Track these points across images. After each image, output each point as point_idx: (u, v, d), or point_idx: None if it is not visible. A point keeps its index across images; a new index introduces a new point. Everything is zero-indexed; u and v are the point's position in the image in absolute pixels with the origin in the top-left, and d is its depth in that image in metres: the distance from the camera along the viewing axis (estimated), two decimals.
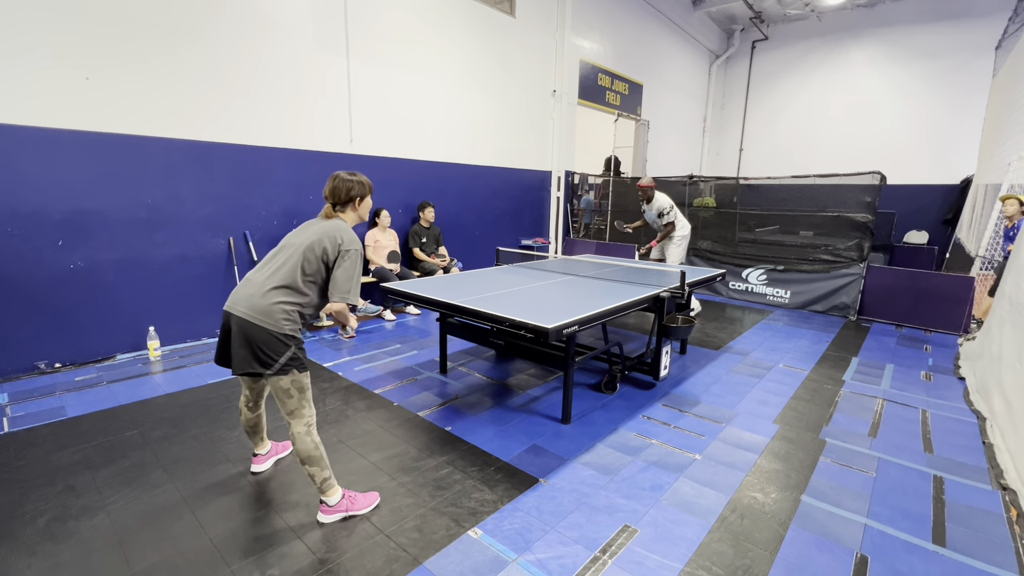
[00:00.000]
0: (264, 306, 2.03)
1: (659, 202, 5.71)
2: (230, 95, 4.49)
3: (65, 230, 3.76)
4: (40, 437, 2.85)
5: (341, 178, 2.24)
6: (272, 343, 2.04)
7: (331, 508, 2.18)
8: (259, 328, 2.02)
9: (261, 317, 2.03)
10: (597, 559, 1.98)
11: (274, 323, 2.03)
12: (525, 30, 7.43)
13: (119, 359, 4.11)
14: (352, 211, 2.28)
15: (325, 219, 2.22)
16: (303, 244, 2.11)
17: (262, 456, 2.57)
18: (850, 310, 5.99)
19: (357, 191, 2.26)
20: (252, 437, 2.54)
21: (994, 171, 6.75)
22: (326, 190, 2.25)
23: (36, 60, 3.51)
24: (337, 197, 2.23)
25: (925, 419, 3.33)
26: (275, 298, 2.05)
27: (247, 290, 2.09)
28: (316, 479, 2.15)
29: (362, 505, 2.25)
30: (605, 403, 3.43)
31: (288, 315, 2.07)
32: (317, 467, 2.14)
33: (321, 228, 2.15)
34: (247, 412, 2.45)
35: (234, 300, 2.10)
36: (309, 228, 2.19)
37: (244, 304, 2.06)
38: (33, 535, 2.06)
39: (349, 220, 2.28)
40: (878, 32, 10.85)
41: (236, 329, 2.06)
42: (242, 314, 2.04)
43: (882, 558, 2.03)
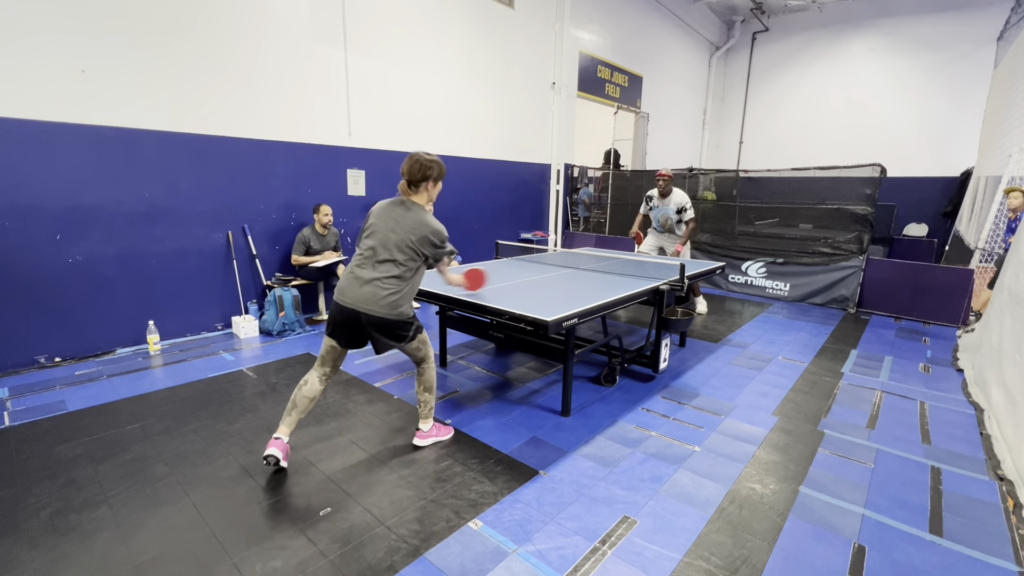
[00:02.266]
0: (389, 302, 2.36)
1: (679, 197, 5.28)
2: (228, 88, 4.46)
3: (63, 224, 3.75)
4: (41, 431, 2.85)
5: (419, 158, 2.42)
6: (402, 326, 2.44)
7: (425, 434, 2.71)
8: (391, 320, 2.39)
9: (389, 312, 2.36)
10: (597, 550, 2.00)
11: (400, 314, 2.40)
12: (524, 21, 7.38)
13: (119, 353, 4.11)
14: (425, 191, 2.46)
15: (405, 206, 2.42)
16: (404, 242, 2.37)
17: (282, 442, 2.43)
18: (849, 303, 6.00)
19: (433, 172, 2.44)
20: (294, 413, 2.45)
21: (995, 163, 6.73)
22: (404, 167, 2.43)
23: (31, 53, 3.48)
24: (413, 175, 2.40)
25: (923, 411, 3.34)
26: (394, 293, 2.37)
27: (365, 289, 2.36)
28: (426, 405, 2.68)
29: (445, 432, 2.80)
30: (604, 396, 3.44)
31: (407, 303, 2.44)
32: (431, 395, 2.67)
33: (412, 224, 2.38)
34: (317, 385, 2.48)
35: (356, 298, 2.36)
36: (394, 220, 2.39)
37: (370, 303, 2.35)
38: (35, 528, 2.07)
39: (422, 201, 2.46)
40: (879, 23, 10.78)
41: (368, 324, 2.38)
42: (371, 311, 2.35)
43: (880, 548, 2.04)
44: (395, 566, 1.89)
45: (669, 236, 5.54)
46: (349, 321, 2.40)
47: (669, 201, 5.34)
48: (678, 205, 5.29)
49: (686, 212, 5.29)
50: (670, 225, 5.41)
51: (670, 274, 3.81)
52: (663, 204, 5.38)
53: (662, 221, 5.46)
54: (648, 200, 5.55)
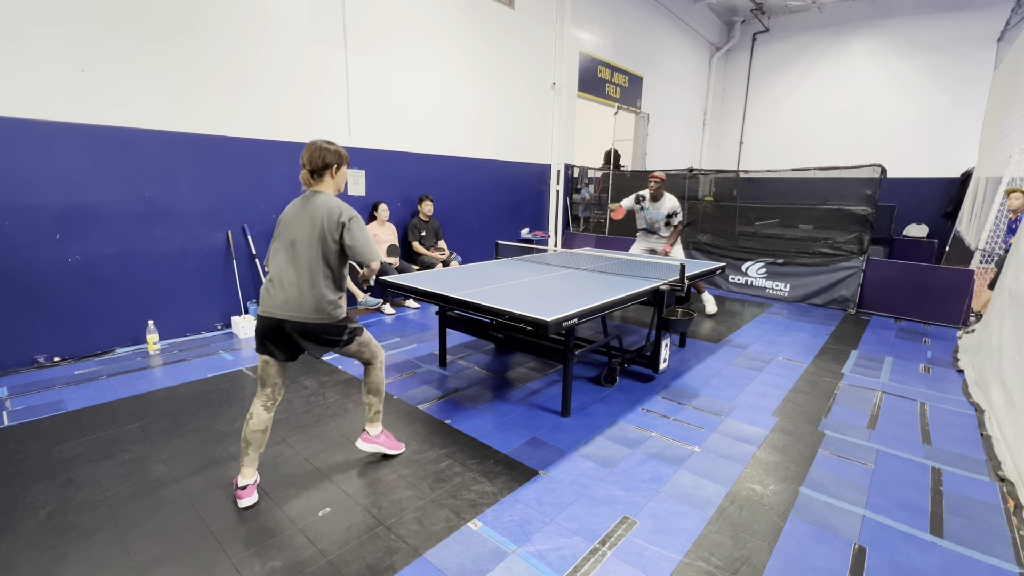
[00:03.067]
0: (313, 305, 2.19)
1: (671, 203, 5.28)
2: (228, 87, 4.46)
3: (62, 224, 3.75)
4: (40, 431, 2.85)
5: (318, 145, 2.29)
6: (334, 330, 2.28)
7: (371, 438, 2.56)
8: (318, 325, 2.22)
9: (315, 316, 2.20)
10: (597, 550, 1.99)
11: (328, 316, 2.23)
12: (524, 22, 7.38)
13: (118, 353, 4.11)
14: (329, 179, 2.32)
15: (309, 198, 2.27)
16: (315, 235, 2.19)
17: (251, 487, 2.24)
18: (849, 303, 6.00)
19: (332, 159, 2.30)
20: (251, 451, 2.22)
21: (995, 164, 6.72)
22: (303, 157, 2.29)
23: (31, 51, 3.48)
24: (314, 164, 2.28)
25: (924, 411, 3.34)
26: (318, 294, 2.20)
27: (287, 294, 2.19)
28: (372, 408, 2.53)
29: (394, 447, 2.63)
30: (604, 396, 3.44)
31: (334, 304, 2.27)
32: (378, 398, 2.53)
33: (316, 211, 2.21)
34: (263, 414, 2.24)
35: (277, 305, 2.19)
36: (305, 214, 2.23)
37: (294, 308, 2.18)
38: (34, 528, 2.06)
39: (328, 189, 2.33)
40: (879, 24, 10.78)
41: (293, 331, 2.21)
42: (295, 318, 2.18)
43: (880, 549, 2.04)
44: (394, 566, 1.88)
45: (658, 238, 5.53)
46: (275, 332, 2.20)
47: (660, 205, 5.30)
48: (670, 210, 5.27)
49: (676, 216, 5.29)
50: (657, 227, 5.43)
51: (670, 274, 3.80)
52: (654, 207, 5.35)
53: (650, 223, 5.46)
54: (639, 199, 5.44)
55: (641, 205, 5.44)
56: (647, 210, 5.42)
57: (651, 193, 5.29)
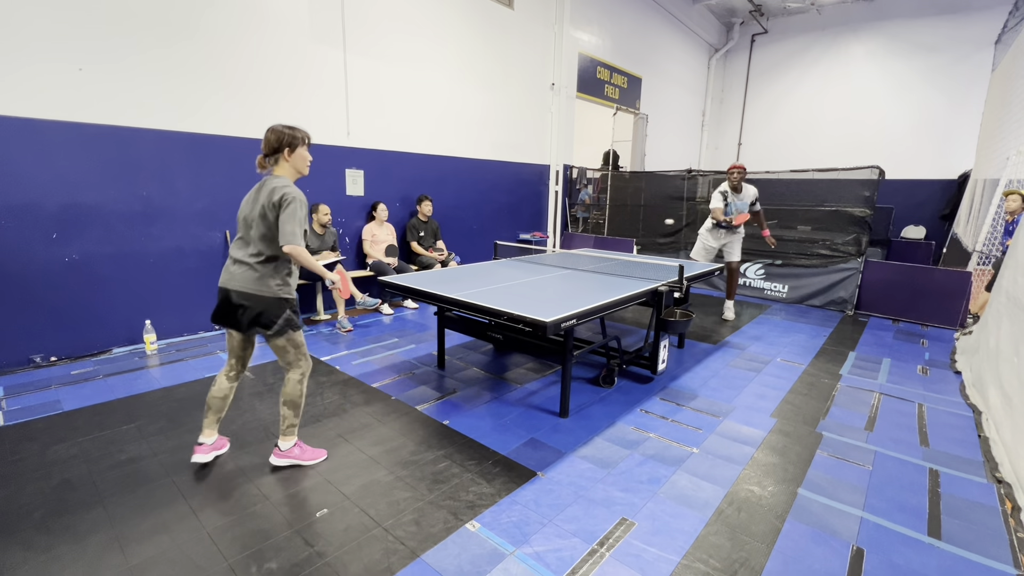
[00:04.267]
0: (255, 278, 2.30)
1: (752, 189, 5.31)
2: (226, 87, 4.44)
3: (59, 223, 3.73)
4: (36, 431, 2.84)
5: (271, 128, 2.33)
6: (271, 308, 2.32)
7: (283, 453, 2.50)
8: (258, 298, 2.30)
9: (256, 287, 2.29)
10: (595, 552, 1.99)
11: (268, 290, 2.31)
12: (523, 22, 7.38)
13: (115, 353, 4.09)
14: (284, 161, 2.34)
15: (264, 182, 2.33)
16: (258, 214, 2.27)
17: (207, 446, 2.50)
18: (847, 304, 6.01)
19: (286, 140, 2.31)
20: (211, 415, 2.49)
21: (992, 166, 6.75)
22: (262, 142, 2.36)
23: (28, 50, 3.46)
24: (268, 147, 2.32)
25: (921, 413, 3.34)
26: (262, 269, 2.30)
27: (236, 267, 2.33)
28: (285, 421, 2.48)
29: (310, 457, 2.56)
30: (603, 397, 3.43)
31: (279, 281, 2.34)
32: (292, 412, 2.47)
33: (262, 194, 2.28)
34: (224, 382, 2.50)
35: (228, 276, 2.34)
36: (256, 197, 2.31)
37: (239, 280, 2.30)
38: (29, 529, 2.05)
39: (285, 172, 2.36)
40: (877, 26, 10.81)
41: (237, 300, 2.31)
42: (240, 287, 2.30)
43: (878, 551, 2.04)
44: (392, 568, 1.88)
45: (728, 233, 5.41)
46: (222, 302, 2.36)
47: (744, 195, 5.27)
48: (752, 197, 5.28)
49: (758, 203, 5.33)
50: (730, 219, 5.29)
51: (668, 275, 3.80)
52: (738, 198, 5.28)
53: (737, 216, 5.30)
54: (725, 196, 5.32)
55: (727, 201, 5.33)
56: (732, 203, 5.31)
57: (733, 184, 5.23)
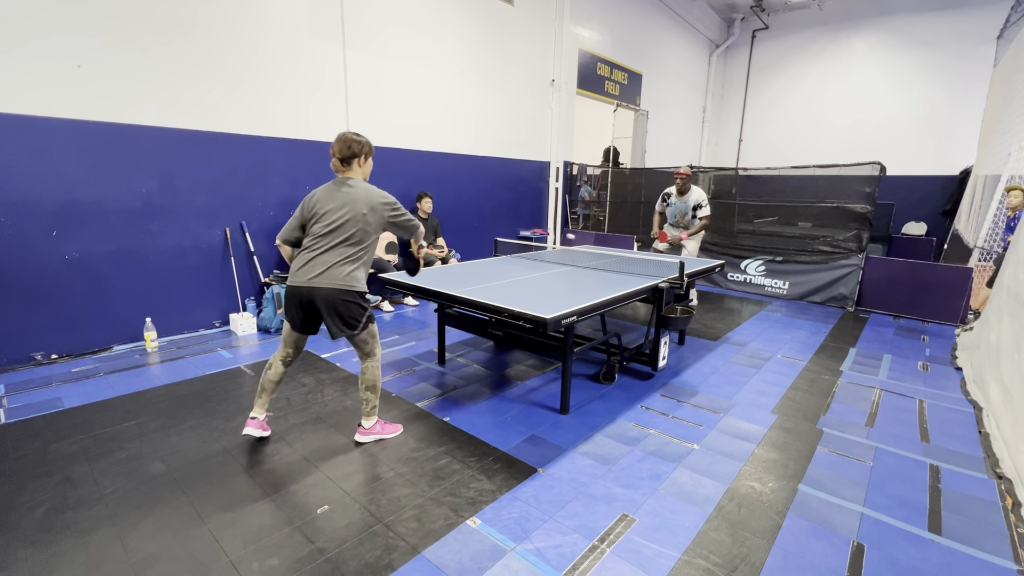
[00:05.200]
0: (345, 275, 2.43)
1: (697, 194, 5.46)
2: (225, 84, 4.43)
3: (59, 220, 3.73)
4: (37, 428, 2.84)
5: (347, 136, 2.50)
6: (355, 308, 2.47)
7: (368, 430, 2.70)
8: (346, 292, 2.43)
9: (346, 283, 2.43)
10: (595, 548, 1.99)
11: (356, 285, 2.46)
12: (523, 18, 7.35)
13: (116, 350, 4.09)
14: (358, 167, 2.54)
15: (348, 184, 2.48)
16: (356, 218, 2.42)
17: (259, 421, 2.67)
18: (848, 301, 6.00)
19: (364, 150, 2.53)
20: (263, 395, 2.66)
21: (994, 162, 6.73)
22: (333, 147, 2.50)
23: (27, 47, 3.45)
24: (343, 153, 2.48)
25: (922, 409, 3.34)
26: (351, 271, 2.45)
27: (322, 271, 2.41)
28: (368, 404, 2.67)
29: (391, 431, 2.79)
30: (603, 393, 3.43)
31: (362, 281, 2.51)
32: (374, 394, 2.66)
33: (355, 198, 2.43)
34: (280, 367, 2.64)
35: (311, 276, 2.42)
36: (338, 198, 2.44)
37: (326, 280, 2.41)
38: (31, 526, 2.06)
39: (358, 176, 2.54)
40: (879, 21, 10.77)
41: (323, 301, 2.42)
42: (326, 286, 2.40)
43: (878, 546, 2.04)
44: (393, 564, 1.88)
45: (682, 231, 5.67)
46: (303, 302, 2.47)
47: (687, 198, 5.50)
48: (696, 202, 5.47)
49: (702, 208, 5.46)
50: (686, 221, 5.58)
51: (669, 272, 3.80)
52: (680, 201, 5.54)
53: (679, 217, 5.61)
54: (665, 197, 5.69)
55: (667, 202, 5.65)
56: (673, 205, 5.60)
57: (678, 188, 5.50)
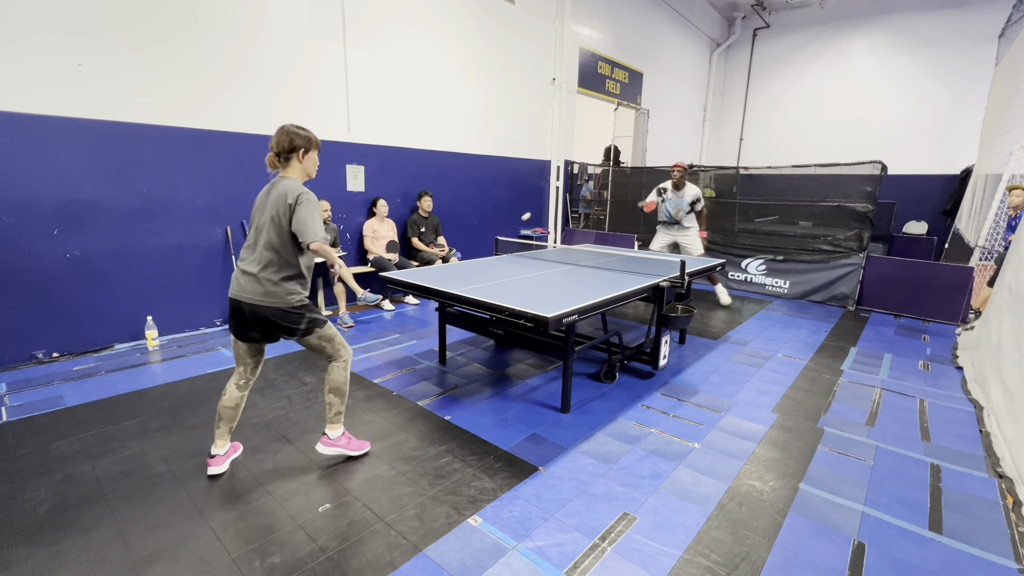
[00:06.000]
0: (267, 289, 2.23)
1: (693, 190, 5.59)
2: (226, 82, 4.43)
3: (60, 219, 3.73)
4: (39, 427, 2.84)
5: (285, 129, 2.30)
6: (288, 317, 2.28)
7: (331, 441, 2.49)
8: (272, 309, 2.25)
9: (269, 300, 2.24)
10: (596, 546, 1.99)
11: (282, 301, 2.26)
12: (524, 16, 7.34)
13: (117, 349, 4.10)
14: (296, 163, 2.32)
15: (274, 184, 2.30)
16: (268, 220, 2.22)
17: (220, 457, 2.44)
18: (849, 300, 6.00)
19: (300, 143, 2.30)
20: (221, 425, 2.42)
21: (995, 161, 6.72)
22: (271, 140, 2.32)
23: (27, 45, 3.45)
24: (280, 147, 2.29)
25: (923, 408, 3.34)
26: (274, 278, 2.24)
27: (245, 277, 2.26)
28: (332, 409, 2.47)
29: (356, 447, 2.55)
30: (604, 392, 3.44)
31: (290, 290, 2.28)
32: (339, 399, 2.46)
33: (273, 198, 2.23)
34: (234, 392, 2.43)
35: (239, 288, 2.27)
36: (266, 201, 2.27)
37: (249, 292, 2.24)
38: (33, 524, 2.06)
39: (295, 174, 2.33)
40: (880, 20, 10.75)
41: (251, 313, 2.26)
42: (251, 300, 2.24)
43: (879, 545, 2.04)
44: (394, 562, 1.88)
45: (679, 229, 5.75)
46: (236, 314, 2.31)
47: (684, 193, 5.58)
48: (692, 197, 5.55)
49: (699, 203, 5.56)
50: (681, 216, 5.63)
51: (670, 271, 3.80)
52: (677, 196, 5.61)
53: (674, 212, 5.67)
54: (661, 192, 5.74)
55: (663, 197, 5.72)
56: (669, 200, 5.67)
57: (674, 183, 5.59)
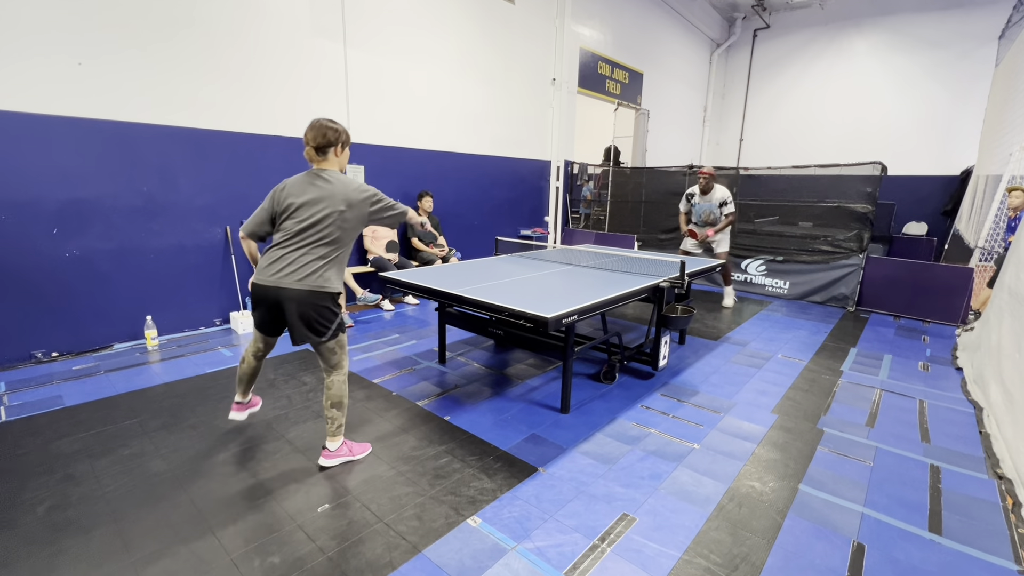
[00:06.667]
0: (315, 277, 2.25)
1: (721, 192, 5.55)
2: (225, 82, 4.43)
3: (60, 218, 3.73)
4: (38, 426, 2.84)
5: (322, 123, 2.31)
6: (326, 312, 2.30)
7: (332, 453, 2.47)
8: (316, 294, 2.25)
9: (316, 285, 2.25)
10: (596, 547, 1.99)
11: (328, 287, 2.29)
12: (524, 17, 7.34)
13: (117, 348, 4.09)
14: (334, 157, 2.36)
15: (323, 177, 2.30)
16: (332, 215, 2.25)
17: (243, 405, 2.72)
18: (849, 301, 6.00)
19: (341, 138, 2.35)
20: (242, 385, 2.66)
21: (995, 162, 6.72)
22: (307, 135, 2.31)
23: (27, 44, 3.45)
24: (318, 141, 2.30)
25: (922, 409, 3.34)
26: (323, 270, 2.27)
27: (293, 267, 2.25)
28: (334, 423, 2.45)
29: (359, 451, 2.58)
30: (604, 393, 3.43)
31: (334, 283, 2.32)
32: (341, 412, 2.45)
33: (335, 192, 2.26)
34: (252, 360, 2.59)
35: (280, 275, 2.24)
36: (317, 192, 2.27)
37: (296, 279, 2.23)
38: (33, 523, 2.06)
39: (333, 167, 2.36)
40: (880, 20, 10.75)
41: (291, 303, 2.25)
42: (294, 287, 2.23)
43: (879, 546, 2.04)
44: (394, 563, 1.88)
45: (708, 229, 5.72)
46: (269, 303, 2.31)
47: (711, 197, 5.58)
48: (720, 200, 5.54)
49: (728, 205, 5.54)
50: (712, 219, 5.64)
51: (670, 271, 3.80)
52: (704, 200, 5.62)
53: (705, 216, 5.67)
54: (689, 198, 5.77)
55: (691, 203, 5.74)
56: (698, 205, 5.68)
57: (701, 188, 5.58)
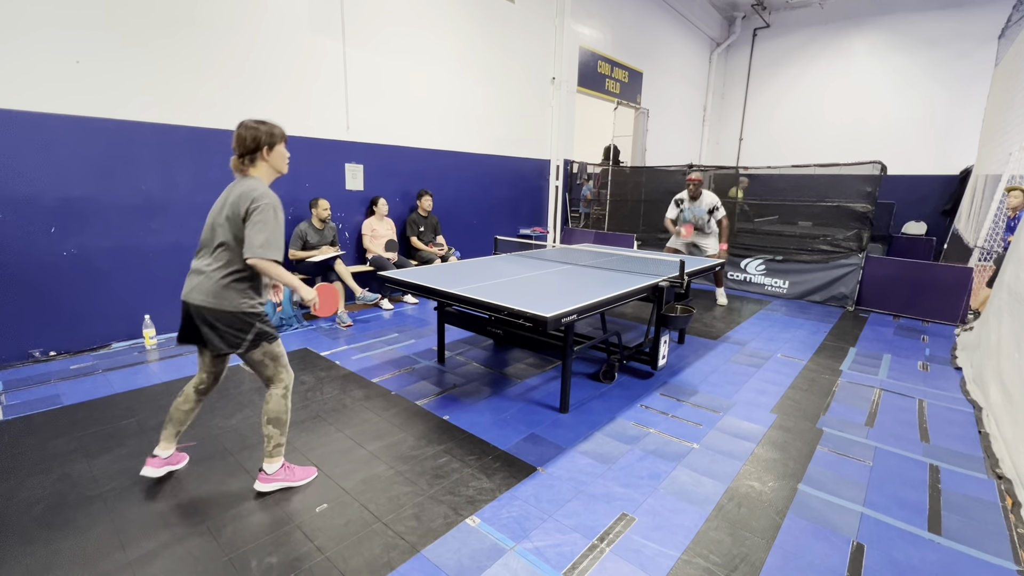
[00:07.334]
0: (216, 290, 2.06)
1: (710, 198, 5.62)
2: (225, 80, 4.41)
3: (58, 217, 3.71)
4: (36, 425, 2.83)
5: (244, 125, 2.08)
6: (235, 323, 2.10)
7: (269, 477, 2.26)
8: (220, 312, 2.07)
9: (217, 301, 2.06)
10: (595, 547, 1.99)
11: (231, 304, 2.08)
12: (524, 16, 7.32)
13: (115, 347, 4.08)
14: (262, 162, 2.12)
15: (237, 183, 2.11)
16: (225, 219, 2.04)
17: (161, 460, 2.33)
18: (848, 300, 6.00)
19: (264, 140, 2.08)
20: (170, 426, 2.32)
21: (994, 162, 6.72)
22: (232, 142, 2.10)
23: (25, 42, 3.43)
24: (243, 147, 2.08)
25: (922, 409, 3.34)
26: (224, 280, 2.07)
27: (196, 278, 2.10)
28: (271, 441, 2.24)
29: (300, 477, 2.34)
30: (603, 392, 3.43)
31: (241, 292, 2.11)
32: (278, 430, 2.24)
33: (234, 195, 2.05)
34: (192, 394, 2.31)
35: (188, 289, 2.12)
36: (226, 199, 2.09)
37: (198, 292, 2.08)
38: (29, 523, 2.05)
39: (263, 174, 2.13)
40: (880, 20, 10.74)
41: (197, 316, 2.11)
42: (199, 302, 2.08)
43: (878, 546, 2.04)
44: (392, 563, 1.88)
45: (700, 234, 5.82)
46: (184, 316, 2.16)
47: (700, 203, 5.65)
48: (709, 205, 5.62)
49: (717, 211, 5.61)
50: (701, 224, 5.71)
51: (669, 271, 3.79)
52: (694, 206, 5.69)
53: (695, 222, 5.73)
54: (678, 203, 5.84)
55: (680, 208, 5.81)
56: (687, 210, 5.76)
57: (690, 194, 5.66)
